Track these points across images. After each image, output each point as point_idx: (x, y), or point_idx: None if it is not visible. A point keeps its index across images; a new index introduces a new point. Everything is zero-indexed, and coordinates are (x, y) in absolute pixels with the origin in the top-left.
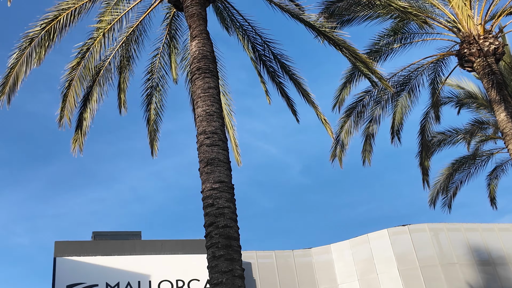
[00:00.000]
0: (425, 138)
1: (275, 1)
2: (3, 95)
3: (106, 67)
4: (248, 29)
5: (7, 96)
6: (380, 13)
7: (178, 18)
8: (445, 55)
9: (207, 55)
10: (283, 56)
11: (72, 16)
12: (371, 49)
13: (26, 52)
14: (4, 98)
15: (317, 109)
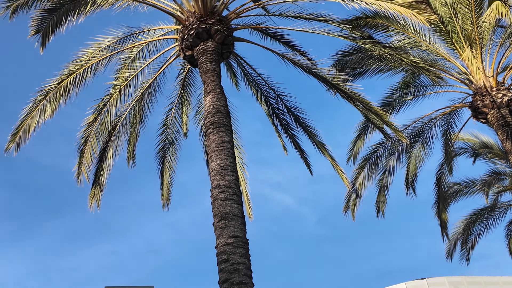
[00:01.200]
0: (441, 189)
1: (287, 57)
2: (13, 143)
3: (122, 122)
4: (261, 83)
5: (16, 144)
6: (391, 66)
7: (192, 74)
8: (458, 107)
9: (221, 110)
10: (296, 109)
11: (87, 73)
12: (385, 102)
13: (41, 105)
14: (13, 146)
15: (333, 161)
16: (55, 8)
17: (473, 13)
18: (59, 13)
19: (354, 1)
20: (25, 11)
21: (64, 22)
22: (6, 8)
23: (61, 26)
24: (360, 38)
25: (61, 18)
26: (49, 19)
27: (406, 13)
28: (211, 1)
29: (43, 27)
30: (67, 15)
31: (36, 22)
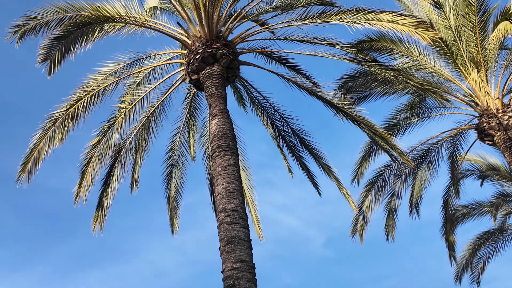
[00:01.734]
0: (449, 212)
1: (292, 80)
2: (23, 173)
3: (128, 146)
4: (266, 106)
5: (27, 175)
6: (396, 89)
7: (198, 98)
8: (464, 129)
9: (227, 133)
10: (302, 131)
11: (95, 98)
12: (389, 124)
13: (49, 132)
14: (24, 176)
15: (340, 183)
16: (63, 36)
17: (477, 36)
18: (67, 41)
19: (357, 22)
20: (32, 36)
21: (72, 50)
22: (13, 33)
23: (69, 54)
24: (364, 61)
25: (69, 46)
26: (58, 47)
27: (410, 32)
28: (217, 26)
29: (51, 54)
30: (75, 43)
31: (44, 50)
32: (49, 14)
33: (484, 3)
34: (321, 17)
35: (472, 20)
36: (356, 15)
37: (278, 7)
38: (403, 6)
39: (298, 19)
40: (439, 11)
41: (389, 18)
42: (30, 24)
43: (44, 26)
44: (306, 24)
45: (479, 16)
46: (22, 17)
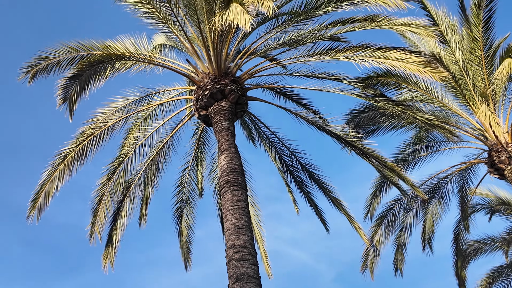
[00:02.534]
0: (459, 246)
1: (300, 115)
2: (34, 210)
3: (137, 182)
4: (275, 141)
5: (37, 211)
6: (404, 124)
7: (207, 133)
8: (473, 163)
9: (235, 168)
10: (311, 166)
11: (105, 134)
12: (397, 158)
13: (59, 169)
14: (34, 213)
15: (350, 217)
16: (77, 75)
17: (484, 70)
18: (81, 79)
19: (365, 60)
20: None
21: (87, 88)
22: (25, 73)
23: (84, 92)
24: (372, 96)
25: (83, 85)
26: (73, 86)
27: (418, 72)
28: (225, 63)
29: (68, 95)
30: (89, 81)
31: (61, 91)
32: (61, 54)
33: (490, 38)
34: (328, 53)
35: (478, 55)
36: (363, 52)
37: (286, 43)
38: (409, 42)
39: (305, 55)
40: (445, 47)
41: (397, 56)
42: (42, 64)
43: (55, 65)
44: (314, 61)
45: (485, 51)
46: (34, 57)
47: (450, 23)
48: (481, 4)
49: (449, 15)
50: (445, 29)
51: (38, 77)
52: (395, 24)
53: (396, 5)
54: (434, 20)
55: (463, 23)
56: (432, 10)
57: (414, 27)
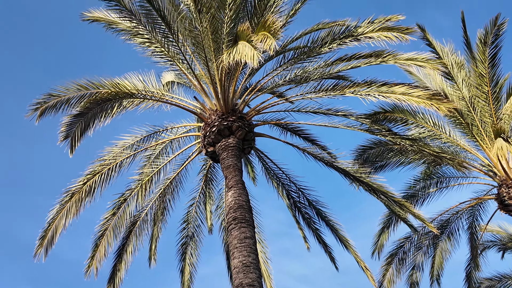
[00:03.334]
0: (472, 284)
1: (308, 151)
2: (41, 247)
3: (143, 218)
4: (282, 177)
5: (44, 249)
6: (412, 159)
7: (214, 169)
8: (483, 199)
9: (243, 205)
10: (318, 203)
11: (112, 171)
12: (406, 194)
13: (67, 206)
14: (41, 251)
15: (358, 257)
16: (82, 113)
17: (491, 106)
18: (87, 117)
19: (370, 95)
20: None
21: (91, 126)
22: (34, 110)
23: (88, 130)
24: (379, 131)
25: (88, 123)
26: (77, 124)
27: (425, 104)
28: (232, 100)
29: (72, 132)
30: (94, 119)
31: (65, 128)
32: (70, 92)
33: (496, 74)
34: (334, 89)
35: (485, 91)
36: (369, 87)
37: (292, 80)
38: (415, 78)
39: (312, 92)
40: (451, 83)
41: (403, 91)
42: (51, 102)
43: (64, 103)
44: (320, 97)
45: (492, 87)
46: (44, 95)
47: (456, 59)
48: (487, 41)
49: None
50: (451, 65)
51: (46, 115)
52: (400, 59)
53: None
54: (439, 56)
55: (469, 59)
56: (438, 46)
57: (419, 61)
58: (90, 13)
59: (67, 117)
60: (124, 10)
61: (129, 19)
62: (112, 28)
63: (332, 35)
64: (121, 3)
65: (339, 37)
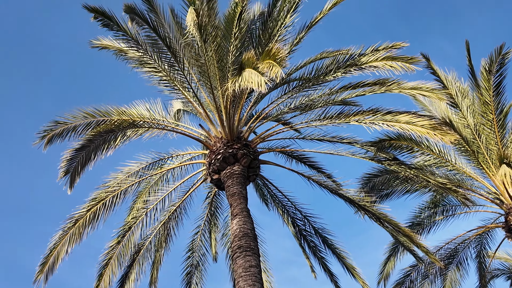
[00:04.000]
0: None
1: (313, 178)
2: (41, 274)
3: (147, 246)
4: (287, 205)
5: (44, 275)
6: (418, 187)
7: (219, 197)
8: (490, 228)
9: (248, 233)
10: (324, 230)
11: (117, 198)
12: (412, 222)
13: (69, 233)
14: (41, 277)
15: (365, 285)
16: (84, 147)
17: (496, 134)
18: (88, 150)
19: (375, 123)
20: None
21: (93, 159)
22: (41, 138)
23: (89, 164)
24: (385, 159)
25: (90, 156)
26: (78, 159)
27: (428, 134)
28: (238, 127)
29: (72, 167)
30: (96, 152)
31: (65, 163)
32: (77, 119)
33: (501, 102)
34: (339, 117)
35: (490, 119)
36: (374, 116)
37: (297, 108)
38: (420, 105)
39: (317, 120)
40: (457, 110)
41: (407, 120)
42: (58, 129)
43: (71, 130)
44: (325, 125)
45: (497, 114)
46: (51, 122)
47: (461, 87)
48: (491, 70)
49: (460, 79)
50: (456, 93)
51: (53, 142)
52: (405, 88)
53: (404, 68)
54: (444, 85)
55: (474, 87)
56: (442, 75)
57: (424, 90)
58: (99, 40)
59: (69, 151)
60: (130, 40)
61: (136, 48)
62: (121, 56)
63: (336, 63)
64: (127, 33)
65: (343, 65)
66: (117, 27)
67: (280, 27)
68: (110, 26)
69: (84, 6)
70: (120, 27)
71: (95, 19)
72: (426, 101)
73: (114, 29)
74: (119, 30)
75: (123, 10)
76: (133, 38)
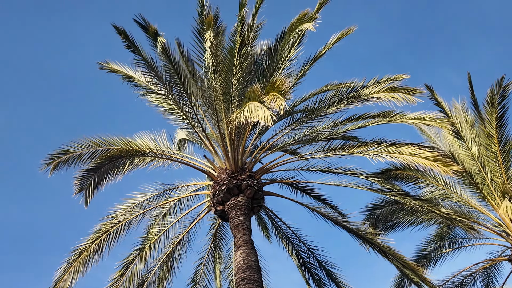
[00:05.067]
0: None
1: (317, 210)
2: None
3: (151, 279)
4: (292, 237)
5: None
6: (423, 219)
7: (223, 228)
8: (497, 261)
9: (251, 265)
10: (328, 263)
11: (121, 229)
12: (420, 255)
13: (74, 265)
14: None
15: None
16: (95, 168)
17: (501, 166)
18: (100, 172)
19: (379, 155)
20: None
21: (104, 180)
22: (47, 165)
23: (101, 184)
24: (389, 190)
25: (101, 177)
26: (91, 178)
27: (431, 166)
28: (242, 158)
29: (85, 185)
30: (107, 174)
31: (78, 181)
32: (82, 148)
33: (505, 133)
34: (343, 149)
35: (494, 151)
36: (378, 147)
37: (301, 139)
38: (426, 136)
39: (321, 151)
40: (461, 142)
41: (410, 151)
42: (64, 157)
43: (77, 158)
44: (329, 156)
45: (501, 146)
46: (57, 150)
47: (468, 118)
48: (493, 102)
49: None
50: (460, 124)
51: (59, 169)
52: (408, 118)
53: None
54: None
55: (477, 119)
56: (446, 106)
57: (426, 120)
58: (108, 64)
59: (80, 171)
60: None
61: (149, 74)
62: (129, 81)
63: (340, 95)
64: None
65: (346, 97)
66: (137, 51)
67: (285, 60)
68: (131, 48)
69: (114, 26)
70: (139, 52)
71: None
72: (431, 132)
73: (135, 53)
74: (139, 54)
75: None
76: (151, 65)
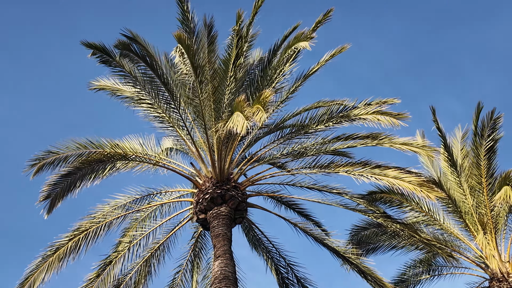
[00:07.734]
0: None
1: (299, 226)
2: None
3: (127, 282)
4: (272, 251)
5: None
6: (405, 244)
7: (204, 238)
8: None
9: (228, 276)
10: (306, 280)
11: (101, 230)
12: (400, 279)
13: (49, 261)
14: None
15: None
16: (70, 173)
17: (485, 197)
18: (74, 178)
19: (364, 176)
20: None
21: (78, 187)
22: (31, 166)
23: (73, 191)
24: (372, 212)
25: (75, 183)
26: (62, 185)
27: (415, 190)
28: (228, 168)
29: (54, 192)
30: (82, 180)
31: (47, 188)
32: (69, 150)
33: (492, 166)
34: (329, 167)
35: (480, 182)
36: (364, 168)
37: (289, 154)
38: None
39: (307, 167)
40: (453, 169)
41: (395, 175)
42: (50, 158)
43: (62, 161)
44: (315, 173)
45: (487, 178)
46: (43, 151)
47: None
48: (483, 134)
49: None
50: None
51: (44, 171)
52: (396, 143)
53: (390, 122)
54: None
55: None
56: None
57: (414, 147)
58: (97, 81)
59: (54, 176)
60: (128, 76)
61: (133, 84)
62: (117, 96)
63: (330, 113)
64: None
65: (336, 116)
66: (115, 63)
67: (278, 74)
68: (108, 62)
69: (83, 42)
70: (118, 63)
71: (93, 55)
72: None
73: (112, 65)
74: (117, 66)
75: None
76: (132, 74)
